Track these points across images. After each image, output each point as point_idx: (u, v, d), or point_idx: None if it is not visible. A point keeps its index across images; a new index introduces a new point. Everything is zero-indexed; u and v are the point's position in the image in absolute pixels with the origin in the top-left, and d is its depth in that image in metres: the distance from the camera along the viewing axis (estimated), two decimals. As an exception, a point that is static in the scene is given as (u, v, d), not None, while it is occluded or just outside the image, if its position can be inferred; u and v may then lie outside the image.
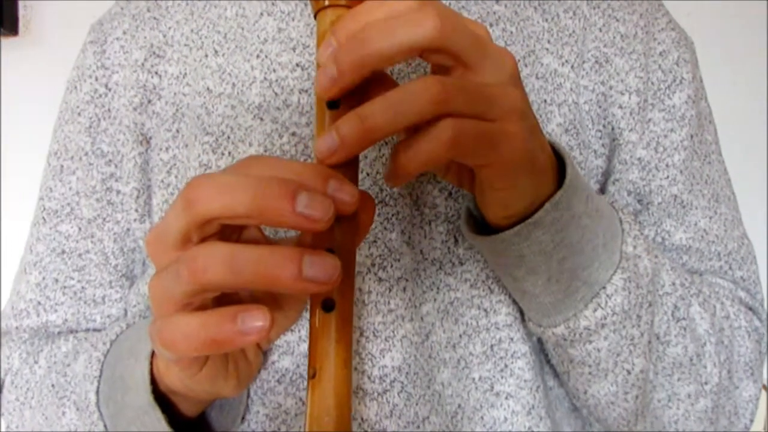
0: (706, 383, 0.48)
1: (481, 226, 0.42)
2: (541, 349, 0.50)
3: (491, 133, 0.33)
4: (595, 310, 0.42)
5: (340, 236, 0.33)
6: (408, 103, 0.31)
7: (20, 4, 1.27)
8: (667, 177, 0.51)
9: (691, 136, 0.52)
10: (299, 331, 0.46)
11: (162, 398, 0.40)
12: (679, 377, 0.47)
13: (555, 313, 0.43)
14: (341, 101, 0.33)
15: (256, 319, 0.29)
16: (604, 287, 0.42)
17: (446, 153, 0.32)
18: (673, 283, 0.47)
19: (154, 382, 0.40)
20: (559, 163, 0.40)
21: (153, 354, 0.40)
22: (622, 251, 0.43)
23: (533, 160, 0.36)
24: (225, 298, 0.34)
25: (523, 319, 0.48)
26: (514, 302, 0.47)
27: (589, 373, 0.45)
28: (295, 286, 0.29)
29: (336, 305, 0.32)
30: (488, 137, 0.33)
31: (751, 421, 0.52)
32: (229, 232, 0.33)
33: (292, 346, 0.46)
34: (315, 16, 0.36)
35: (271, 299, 0.38)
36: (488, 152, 0.34)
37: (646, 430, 0.48)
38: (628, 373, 0.45)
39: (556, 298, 0.42)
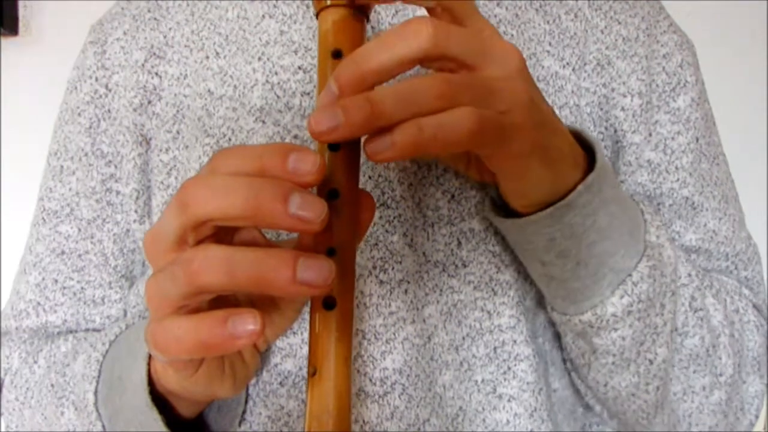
0: (720, 375, 0.48)
1: (506, 214, 0.43)
2: (546, 350, 0.50)
3: (502, 125, 0.33)
4: (621, 297, 0.42)
5: (340, 235, 0.33)
6: (415, 95, 0.31)
7: (20, 4, 1.27)
8: (677, 179, 0.52)
9: (697, 139, 0.53)
10: (302, 333, 0.46)
11: (160, 399, 0.40)
12: (695, 369, 0.47)
13: (582, 299, 0.43)
14: None
15: (246, 323, 0.30)
16: (630, 274, 0.43)
17: (467, 142, 0.32)
18: (690, 275, 0.47)
19: (152, 382, 0.40)
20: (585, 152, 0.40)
21: (151, 355, 0.40)
22: (645, 240, 0.44)
23: (545, 150, 0.37)
24: (222, 300, 0.34)
25: (526, 321, 0.48)
26: (518, 304, 0.47)
27: (612, 363, 0.45)
28: (289, 290, 0.29)
29: (337, 304, 0.32)
30: (500, 129, 0.33)
31: (757, 416, 0.52)
32: (225, 233, 0.33)
33: (295, 349, 0.46)
34: (317, 16, 0.36)
35: (268, 300, 0.38)
36: (498, 143, 0.34)
37: (663, 425, 0.48)
38: (650, 363, 0.45)
39: (584, 284, 0.42)
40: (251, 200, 0.29)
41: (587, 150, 0.41)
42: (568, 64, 0.51)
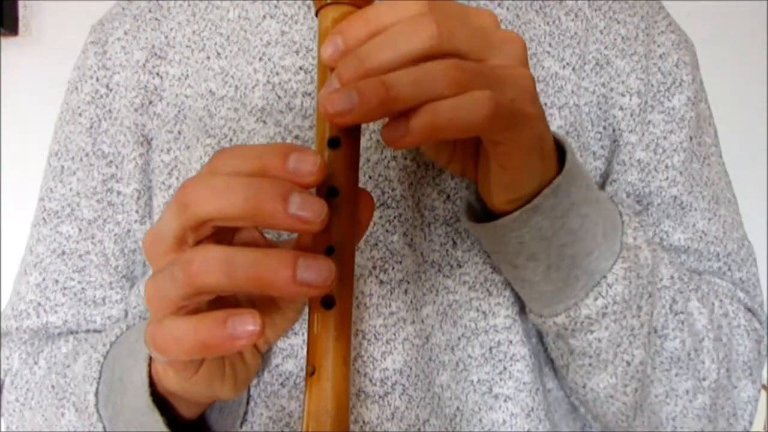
0: (704, 379, 0.48)
1: (482, 219, 0.42)
2: (541, 350, 0.50)
3: (512, 112, 0.33)
4: (596, 299, 0.42)
5: (339, 234, 0.33)
6: (429, 80, 0.30)
7: (20, 4, 1.27)
8: (667, 178, 0.52)
9: (690, 138, 0.52)
10: (303, 334, 0.46)
11: (161, 400, 0.40)
12: (677, 372, 0.47)
13: (555, 302, 0.43)
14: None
15: (246, 324, 0.30)
16: (604, 276, 0.42)
17: (482, 126, 0.31)
18: (672, 277, 0.47)
19: (152, 383, 0.40)
20: (559, 153, 0.40)
21: (152, 356, 0.40)
22: (622, 242, 0.43)
23: (543, 143, 0.37)
24: (222, 300, 0.34)
25: (522, 322, 0.48)
26: (513, 304, 0.47)
27: (589, 365, 0.45)
28: (289, 290, 0.29)
29: (335, 303, 0.32)
30: (512, 115, 0.33)
31: (750, 422, 0.51)
32: (225, 233, 0.33)
33: (296, 349, 0.46)
34: (317, 14, 0.36)
35: (268, 300, 0.38)
36: (510, 130, 0.34)
37: (644, 427, 0.48)
38: (628, 364, 0.45)
39: (556, 286, 0.42)
40: (251, 200, 0.29)
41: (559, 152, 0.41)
42: (568, 64, 0.51)
